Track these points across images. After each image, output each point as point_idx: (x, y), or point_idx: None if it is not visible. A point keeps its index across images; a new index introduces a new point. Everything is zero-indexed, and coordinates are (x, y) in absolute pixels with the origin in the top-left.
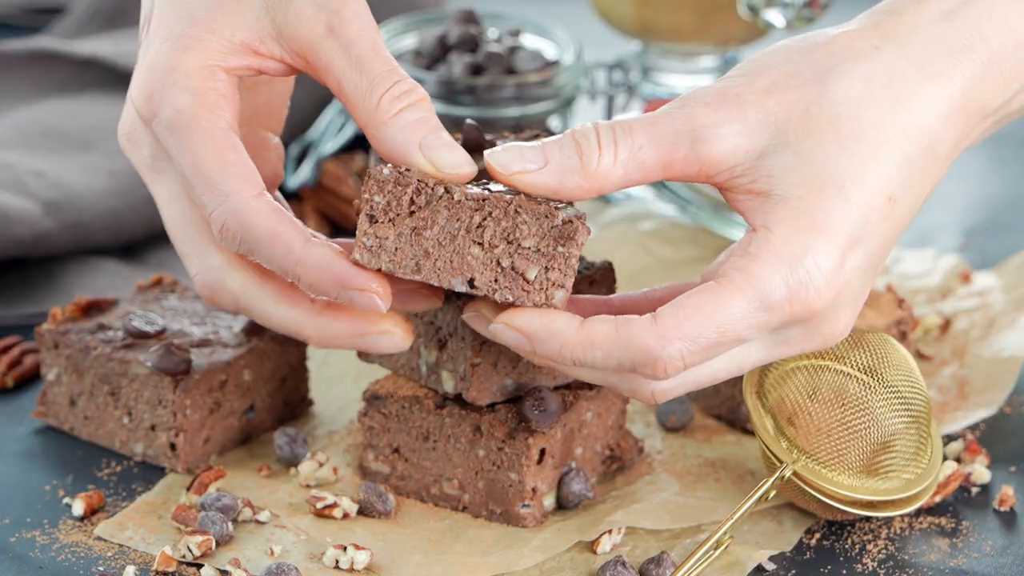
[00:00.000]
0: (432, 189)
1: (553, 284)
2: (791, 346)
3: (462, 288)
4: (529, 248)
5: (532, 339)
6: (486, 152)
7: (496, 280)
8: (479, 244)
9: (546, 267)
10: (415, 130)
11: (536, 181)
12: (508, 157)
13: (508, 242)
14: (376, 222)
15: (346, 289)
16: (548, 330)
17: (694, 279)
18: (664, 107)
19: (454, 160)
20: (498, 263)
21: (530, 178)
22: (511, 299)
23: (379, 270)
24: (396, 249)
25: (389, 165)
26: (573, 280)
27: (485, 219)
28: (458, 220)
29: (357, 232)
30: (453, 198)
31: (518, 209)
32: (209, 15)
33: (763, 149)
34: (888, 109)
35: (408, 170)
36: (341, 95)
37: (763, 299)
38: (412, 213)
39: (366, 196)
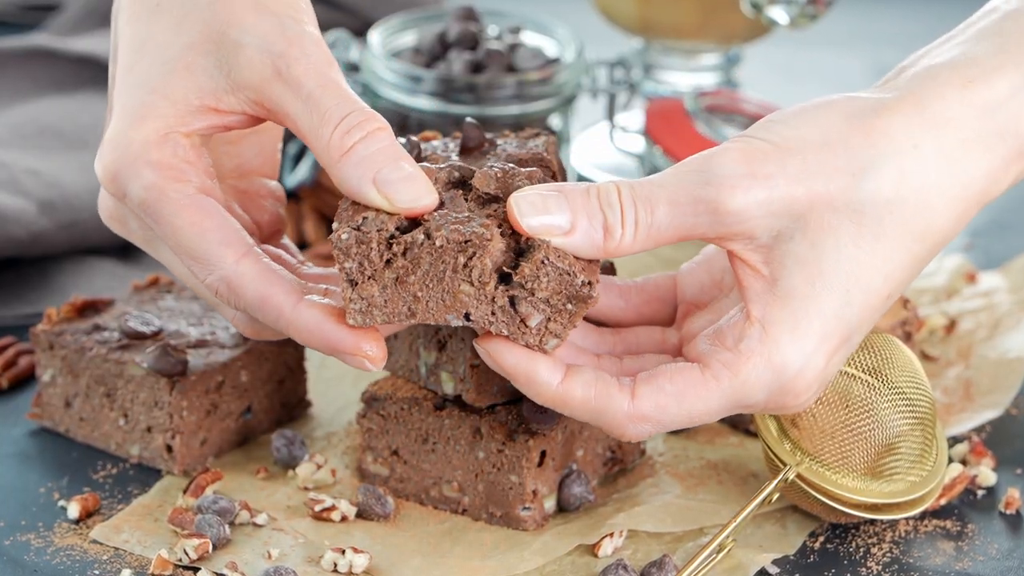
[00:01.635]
0: (411, 236)
1: (551, 333)
2: (755, 411)
3: (459, 323)
4: (539, 298)
5: (511, 377)
6: (512, 198)
7: (493, 313)
8: (468, 282)
9: (549, 318)
10: (369, 166)
11: (559, 245)
12: (534, 208)
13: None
14: (357, 284)
15: (337, 353)
16: (528, 376)
17: (669, 275)
18: (686, 170)
19: (411, 195)
20: (493, 300)
21: (554, 240)
22: (506, 334)
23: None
24: (386, 302)
25: (345, 227)
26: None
27: (471, 259)
28: (443, 263)
29: (343, 299)
30: (435, 244)
31: (545, 261)
32: (164, 82)
33: (780, 231)
34: (911, 215)
35: (363, 223)
36: (300, 136)
37: (740, 399)
38: (389, 263)
39: (338, 264)
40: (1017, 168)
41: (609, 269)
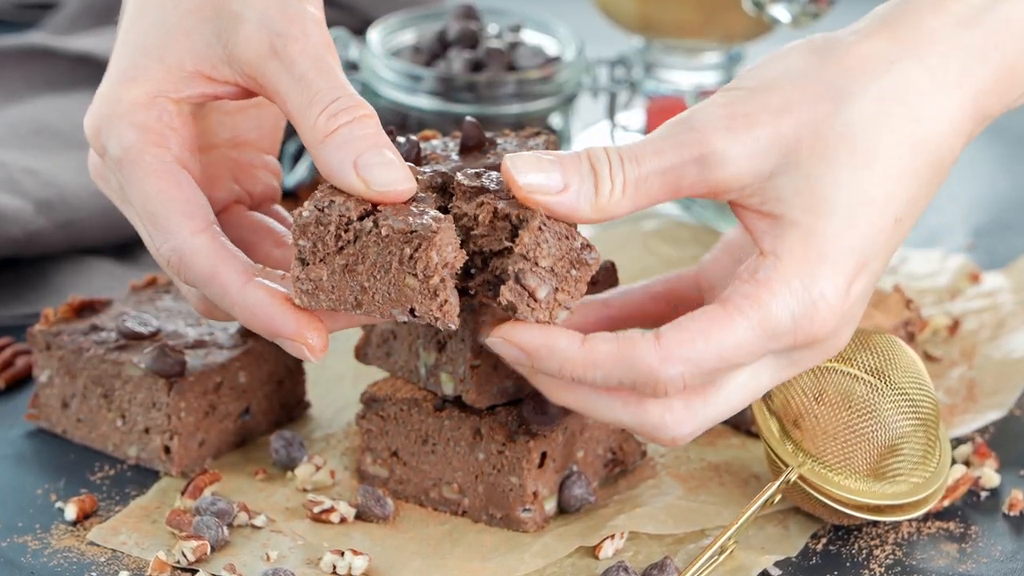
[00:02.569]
0: (360, 224)
1: (559, 305)
2: (798, 366)
3: (404, 319)
4: (543, 268)
5: (532, 356)
6: (507, 157)
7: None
8: (413, 275)
9: (556, 288)
10: (351, 148)
11: (554, 205)
12: (529, 177)
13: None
14: (307, 264)
15: (277, 337)
16: (549, 347)
17: (691, 268)
18: (670, 124)
19: (389, 178)
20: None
21: (548, 200)
22: (514, 313)
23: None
24: (333, 288)
25: (310, 205)
26: (578, 302)
27: (416, 251)
28: (389, 253)
29: (291, 277)
30: (381, 233)
31: (542, 226)
32: (159, 45)
33: (772, 170)
34: (901, 127)
35: (329, 206)
36: (288, 115)
37: (768, 329)
38: (341, 249)
39: (293, 241)
40: (1007, 84)
41: (611, 273)
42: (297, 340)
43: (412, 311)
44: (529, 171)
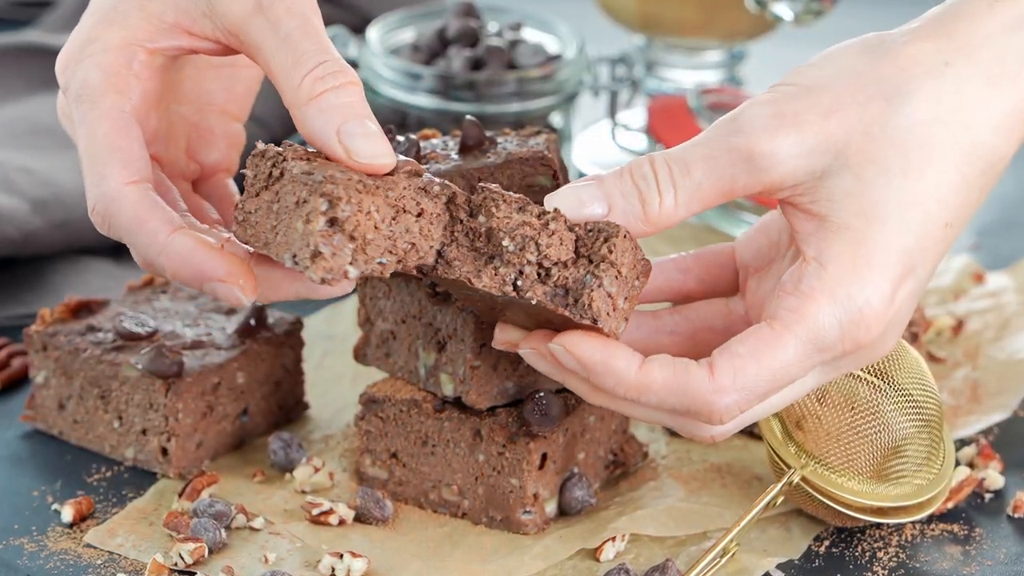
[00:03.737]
0: (285, 164)
1: (623, 315)
2: (841, 371)
3: (289, 264)
4: (625, 276)
5: (590, 370)
6: (546, 198)
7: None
8: (302, 219)
9: (627, 296)
10: (335, 115)
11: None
12: (570, 203)
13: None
14: (246, 195)
15: (208, 280)
16: (607, 366)
17: (725, 245)
18: (716, 126)
19: (371, 151)
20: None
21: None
22: (595, 322)
23: (254, 254)
24: (256, 223)
25: (273, 144)
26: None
27: (309, 196)
28: (293, 194)
29: (235, 206)
30: (293, 172)
31: (626, 235)
32: None
33: (824, 170)
34: (954, 132)
35: (279, 146)
36: (270, 74)
37: (816, 341)
38: (269, 185)
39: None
40: None
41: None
42: (228, 281)
43: (293, 256)
44: (571, 211)
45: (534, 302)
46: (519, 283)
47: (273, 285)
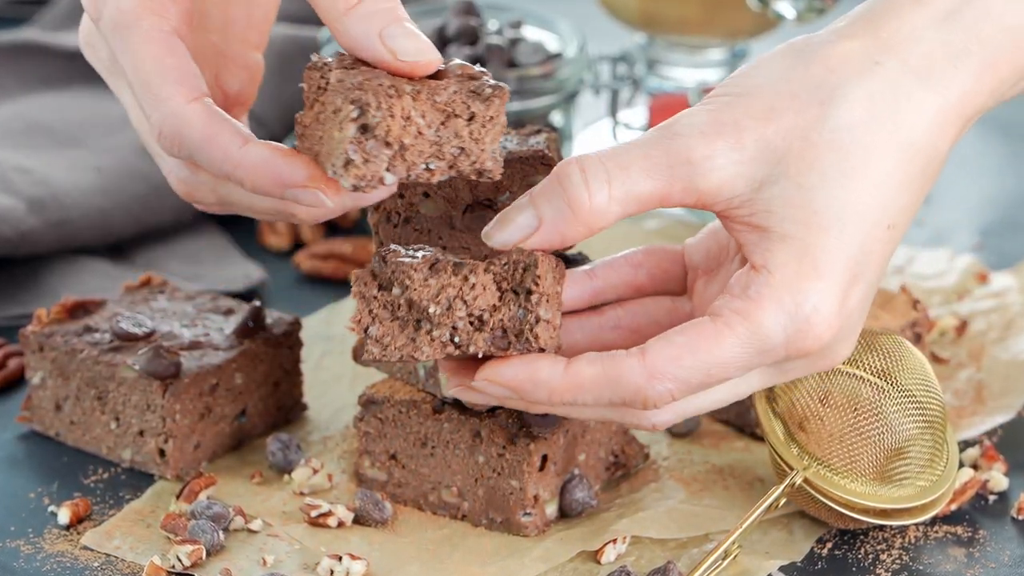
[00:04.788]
0: (330, 74)
1: (554, 327)
2: (789, 375)
3: (331, 173)
4: (553, 296)
5: (519, 391)
6: (483, 234)
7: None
8: (338, 128)
9: (558, 308)
10: (375, 20)
11: (537, 243)
12: (505, 235)
13: (515, 292)
14: (303, 109)
15: (288, 187)
16: (533, 380)
17: (675, 245)
18: (652, 132)
19: (416, 47)
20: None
21: (532, 242)
22: (543, 350)
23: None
24: (310, 135)
25: (339, 57)
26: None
27: (344, 104)
28: (333, 104)
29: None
30: (331, 81)
31: (543, 259)
32: None
33: (763, 180)
34: (891, 131)
35: (329, 59)
36: None
37: (757, 345)
38: (318, 99)
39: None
40: (991, 81)
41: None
42: (310, 186)
43: (332, 165)
44: (499, 230)
45: (480, 355)
46: (456, 339)
47: None
